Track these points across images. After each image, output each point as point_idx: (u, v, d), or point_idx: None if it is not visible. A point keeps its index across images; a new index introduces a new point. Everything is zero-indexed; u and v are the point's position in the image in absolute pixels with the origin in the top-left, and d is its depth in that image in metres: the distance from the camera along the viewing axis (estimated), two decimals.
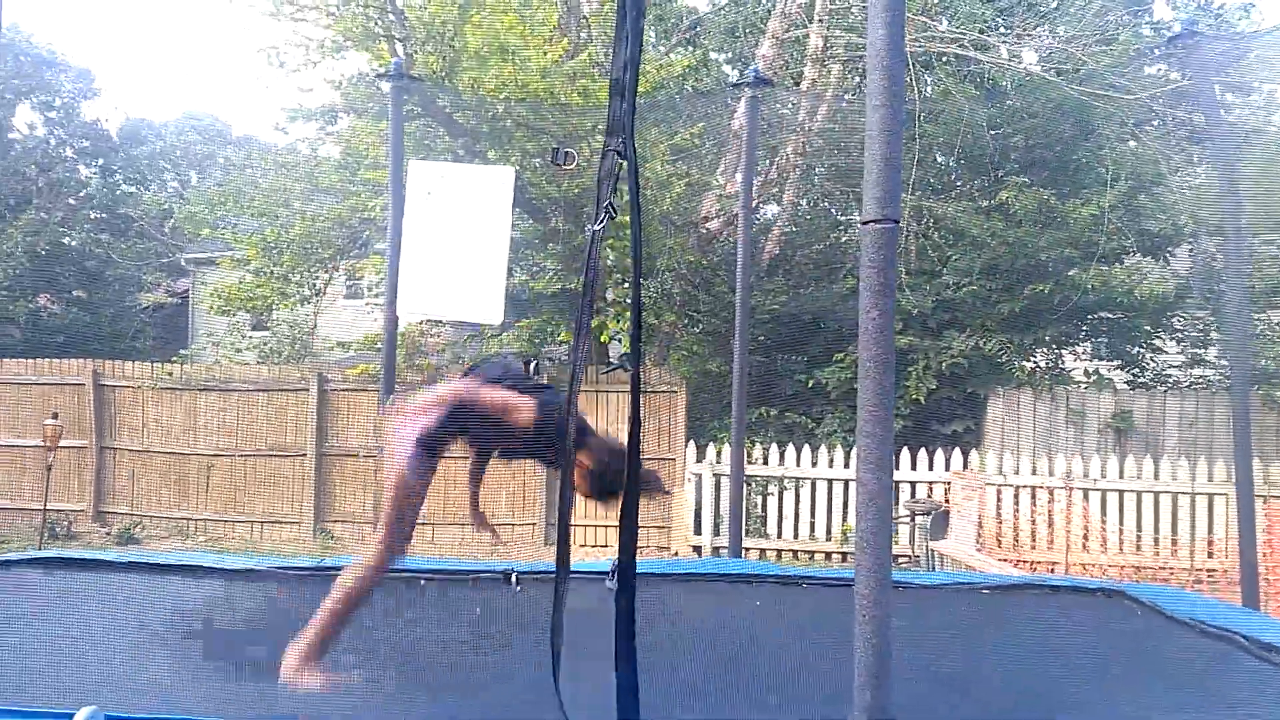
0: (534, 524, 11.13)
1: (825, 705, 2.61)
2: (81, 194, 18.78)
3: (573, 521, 2.17)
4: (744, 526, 7.93)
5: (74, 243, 17.21)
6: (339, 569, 4.27)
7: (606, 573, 3.77)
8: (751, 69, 5.60)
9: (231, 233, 12.35)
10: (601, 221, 2.04)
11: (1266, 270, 9.68)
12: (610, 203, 2.02)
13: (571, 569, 2.22)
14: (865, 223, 2.01)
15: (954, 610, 4.14)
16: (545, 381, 3.23)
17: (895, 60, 2.06)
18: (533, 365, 3.02)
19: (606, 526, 10.89)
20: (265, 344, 15.13)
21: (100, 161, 20.30)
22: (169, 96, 63.62)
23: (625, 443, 2.21)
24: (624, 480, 2.15)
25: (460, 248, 2.71)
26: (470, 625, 3.46)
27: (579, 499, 2.91)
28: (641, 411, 2.22)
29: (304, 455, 11.43)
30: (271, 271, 11.54)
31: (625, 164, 2.13)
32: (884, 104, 2.05)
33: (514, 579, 2.86)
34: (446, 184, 2.69)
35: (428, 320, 10.74)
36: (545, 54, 9.62)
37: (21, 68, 17.99)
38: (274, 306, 12.30)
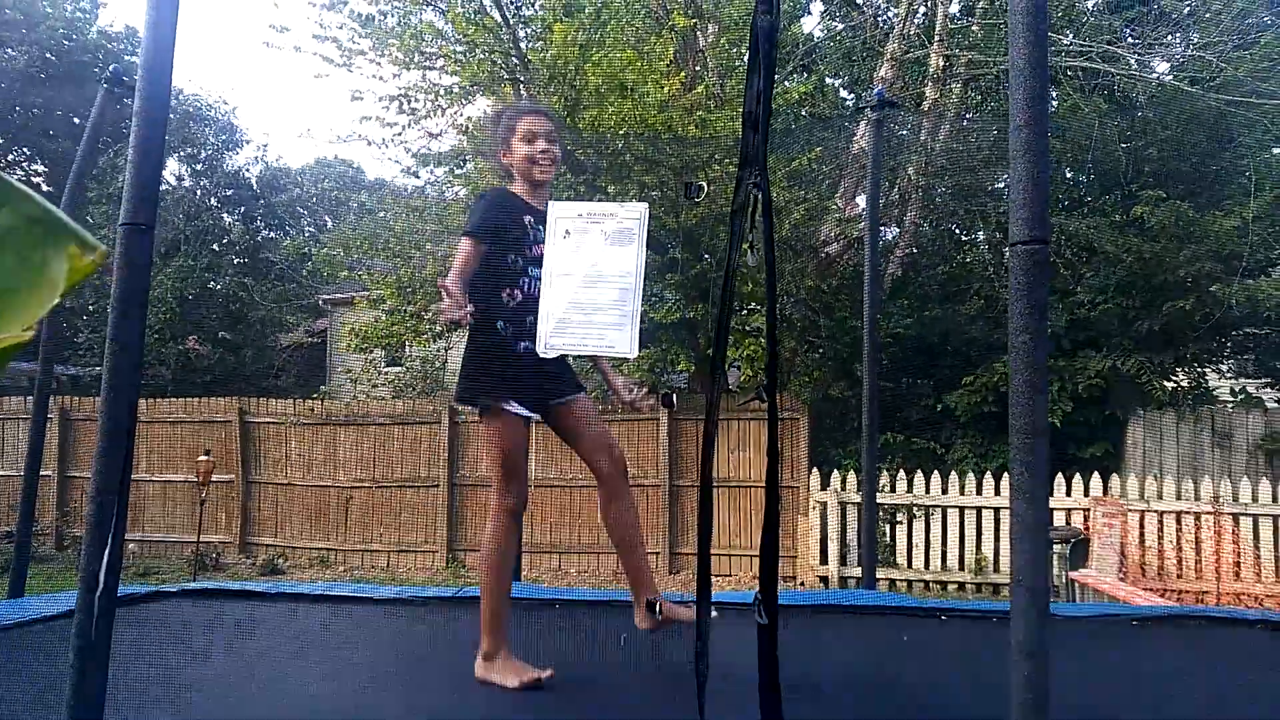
0: (657, 552, 11.15)
1: None
2: (225, 240, 19.82)
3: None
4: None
5: (219, 287, 18.15)
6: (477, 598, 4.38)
7: (732, 603, 3.77)
8: (876, 91, 5.55)
9: (367, 274, 12.77)
10: (749, 257, 2.04)
11: None
12: (751, 239, 2.02)
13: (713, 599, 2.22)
14: (1013, 244, 1.97)
15: (1104, 643, 3.98)
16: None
17: (1039, 79, 2.02)
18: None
19: (729, 555, 10.84)
20: (399, 379, 15.57)
21: (242, 209, 21.42)
22: (303, 144, 66.83)
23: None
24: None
25: (596, 283, 2.77)
26: (615, 654, 3.49)
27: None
28: (779, 441, 2.21)
29: (436, 486, 11.75)
30: (405, 310, 11.84)
31: (760, 196, 2.13)
32: (1028, 123, 2.01)
33: (657, 607, 2.87)
34: (583, 222, 2.76)
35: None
36: (662, 88, 9.72)
37: (171, 123, 19.11)
38: (408, 344, 12.63)
